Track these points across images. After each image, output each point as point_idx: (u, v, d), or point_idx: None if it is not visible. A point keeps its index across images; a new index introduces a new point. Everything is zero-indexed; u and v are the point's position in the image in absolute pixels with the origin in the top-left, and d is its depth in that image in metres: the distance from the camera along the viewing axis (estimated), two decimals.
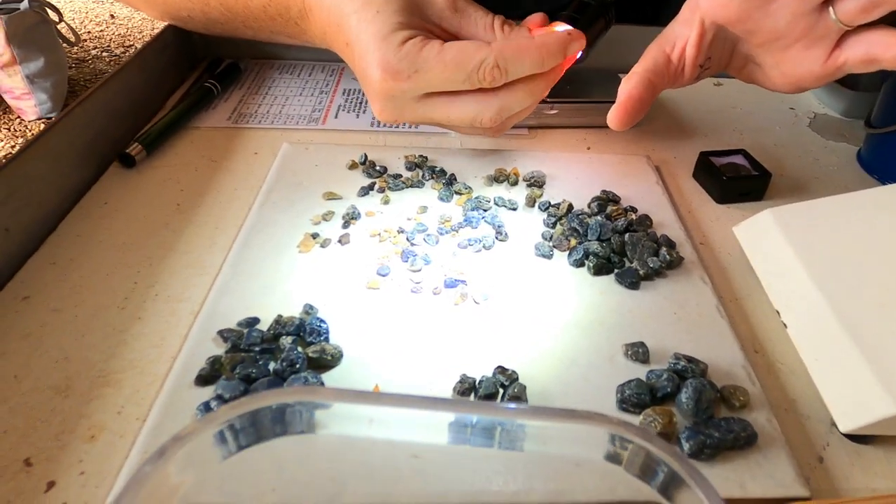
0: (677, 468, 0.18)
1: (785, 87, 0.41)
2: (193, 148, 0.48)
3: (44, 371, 0.31)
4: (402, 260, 0.37)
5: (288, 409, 0.21)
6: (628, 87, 0.41)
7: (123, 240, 0.39)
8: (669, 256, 0.38)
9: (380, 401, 0.19)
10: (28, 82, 1.74)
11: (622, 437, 0.20)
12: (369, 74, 0.38)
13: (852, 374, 0.30)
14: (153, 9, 0.54)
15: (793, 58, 0.39)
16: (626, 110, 0.41)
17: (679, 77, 0.43)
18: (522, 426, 0.19)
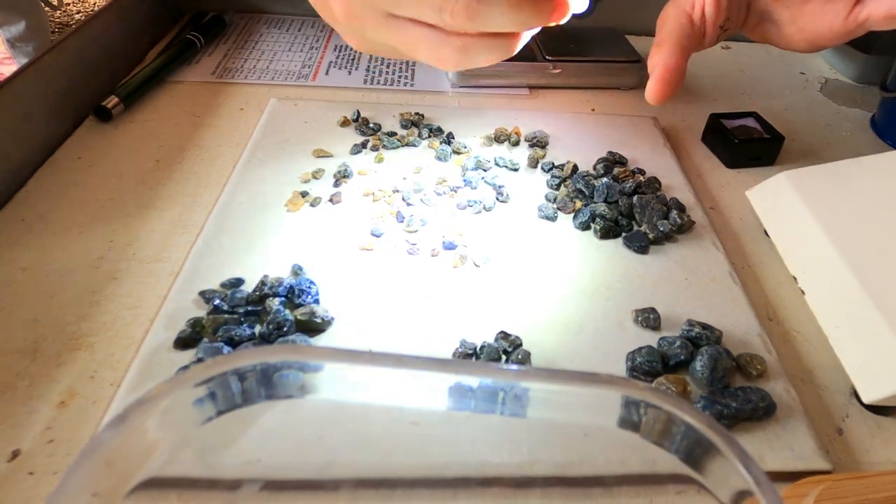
0: (710, 434, 0.16)
1: (802, 44, 0.39)
2: (174, 103, 0.45)
3: (10, 333, 0.28)
4: (397, 220, 0.35)
5: (273, 371, 0.19)
6: (663, 58, 0.38)
7: (98, 196, 0.36)
8: (680, 220, 0.36)
9: (375, 361, 0.17)
10: (9, 46, 1.68)
11: (640, 402, 0.18)
12: None
13: (876, 342, 0.28)
14: None
15: (812, 13, 0.36)
16: (667, 82, 0.37)
17: (702, 38, 0.40)
18: (528, 390, 0.17)
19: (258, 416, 0.20)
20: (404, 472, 0.23)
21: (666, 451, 0.20)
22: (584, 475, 0.24)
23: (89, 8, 2.22)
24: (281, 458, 0.22)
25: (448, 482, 0.23)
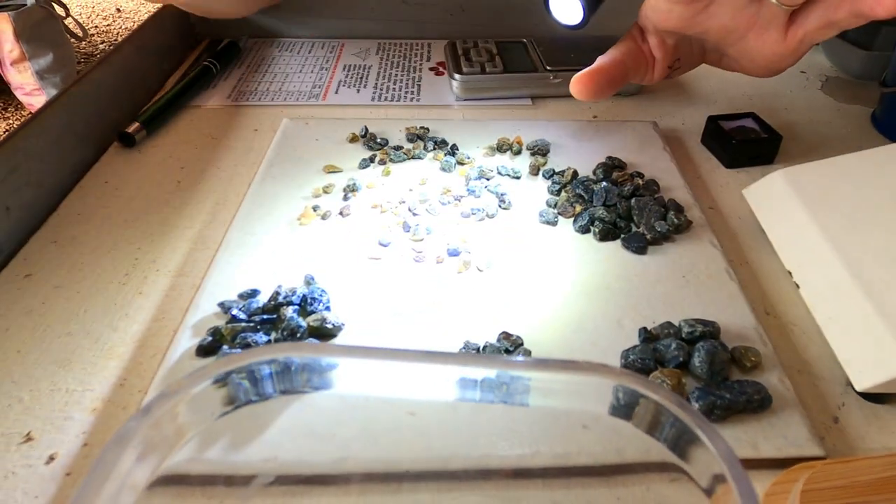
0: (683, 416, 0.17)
1: (760, 72, 0.41)
2: (193, 126, 0.48)
3: (46, 346, 0.30)
4: (403, 230, 0.37)
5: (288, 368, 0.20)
6: (601, 60, 0.41)
7: (124, 217, 0.39)
8: (677, 220, 0.37)
9: (380, 356, 0.19)
10: (38, 78, 1.75)
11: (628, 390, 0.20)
12: None
13: (868, 331, 0.29)
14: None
15: (752, 46, 0.38)
16: (593, 80, 0.40)
17: (650, 72, 0.42)
18: (522, 379, 0.19)
19: (274, 414, 0.22)
20: (411, 466, 0.25)
21: (656, 440, 0.21)
22: (583, 465, 0.26)
23: (113, 38, 2.30)
24: (296, 455, 0.24)
25: (452, 474, 0.25)
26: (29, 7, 1.67)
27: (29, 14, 1.67)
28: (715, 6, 0.36)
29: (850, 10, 0.34)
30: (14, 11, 1.65)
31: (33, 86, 1.76)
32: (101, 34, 2.33)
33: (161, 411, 0.16)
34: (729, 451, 0.18)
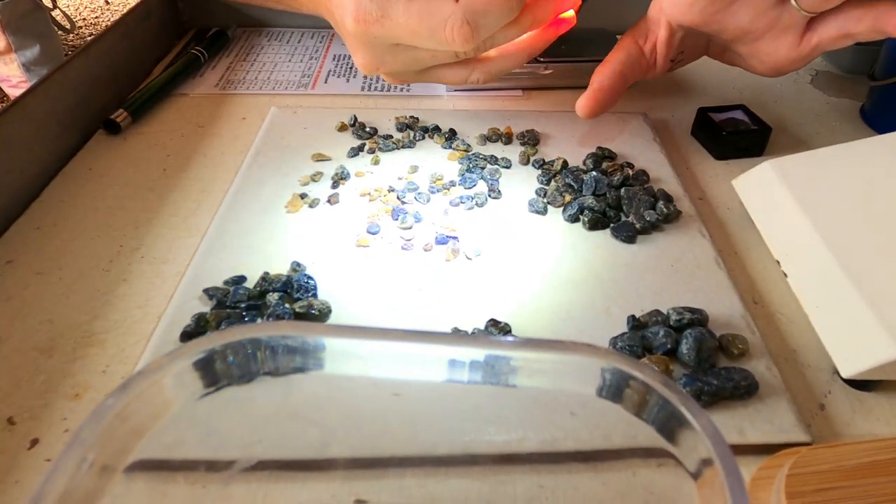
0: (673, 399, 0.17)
1: (766, 72, 0.41)
2: (180, 114, 0.47)
3: (27, 332, 0.30)
4: (392, 218, 0.37)
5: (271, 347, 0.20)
6: (600, 78, 0.41)
7: (108, 204, 0.38)
8: (666, 209, 0.37)
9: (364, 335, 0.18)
10: (24, 70, 1.72)
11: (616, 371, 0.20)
12: (345, 19, 0.37)
13: (854, 318, 0.29)
14: None
15: (766, 47, 0.39)
16: (597, 100, 0.41)
17: (651, 69, 0.43)
18: (509, 359, 0.18)
19: (256, 396, 0.22)
20: (396, 451, 0.24)
21: (644, 422, 0.21)
22: (570, 450, 0.25)
23: (101, 30, 2.27)
24: (278, 439, 0.23)
25: (439, 459, 0.25)
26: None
27: (16, 5, 1.65)
28: (737, 5, 0.36)
29: (872, 25, 0.34)
30: (1, 3, 1.63)
31: (20, 78, 1.74)
32: (90, 26, 2.31)
33: (140, 389, 0.16)
34: (715, 429, 0.18)
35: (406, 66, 0.40)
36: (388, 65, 0.39)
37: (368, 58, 0.39)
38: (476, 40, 0.35)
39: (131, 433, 0.16)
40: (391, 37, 0.37)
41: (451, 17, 0.34)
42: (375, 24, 0.36)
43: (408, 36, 0.36)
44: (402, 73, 0.41)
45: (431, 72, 0.41)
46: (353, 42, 0.39)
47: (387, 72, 0.41)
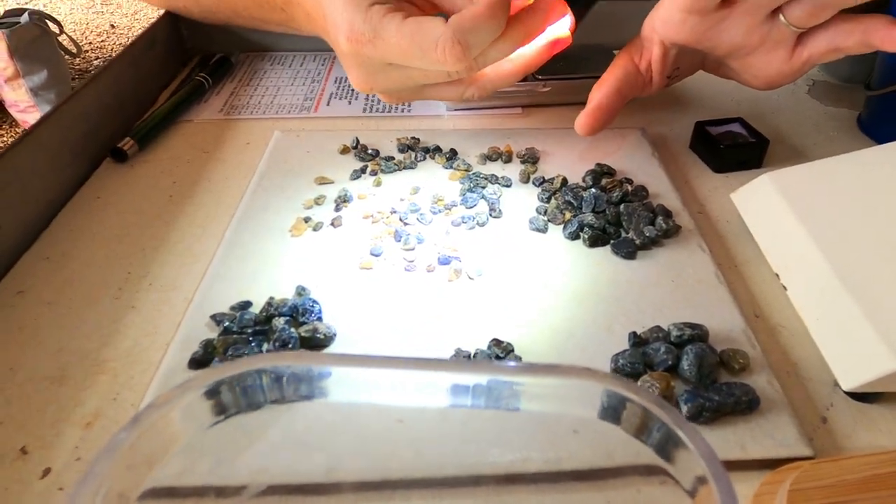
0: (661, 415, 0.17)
1: (760, 85, 0.42)
2: (185, 141, 0.48)
3: (39, 362, 0.31)
4: (394, 240, 0.37)
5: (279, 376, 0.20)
6: (597, 96, 0.42)
7: (116, 232, 0.39)
8: (666, 225, 0.37)
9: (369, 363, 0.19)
10: (32, 95, 1.75)
11: (614, 394, 0.20)
12: (338, 39, 0.38)
13: (853, 330, 0.29)
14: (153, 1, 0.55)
15: (758, 62, 0.40)
16: (595, 118, 0.42)
17: (648, 86, 0.44)
18: (510, 383, 0.19)
19: (264, 424, 0.22)
20: (402, 474, 0.25)
21: (643, 443, 0.21)
22: (574, 469, 0.26)
23: (107, 53, 2.31)
24: (287, 464, 0.24)
25: (444, 481, 0.25)
26: (23, 25, 1.68)
27: (23, 32, 1.68)
28: (728, 22, 0.37)
29: (861, 39, 0.35)
30: (8, 29, 1.65)
31: (27, 103, 1.77)
32: (95, 50, 2.34)
33: (151, 422, 0.16)
34: (709, 450, 0.18)
35: (400, 85, 0.40)
36: (382, 83, 0.40)
37: (362, 77, 0.40)
38: (468, 58, 0.36)
39: (144, 464, 0.17)
40: (384, 57, 0.38)
41: (441, 37, 0.35)
42: (368, 44, 0.37)
43: (400, 56, 0.37)
44: (397, 92, 0.42)
45: (426, 90, 0.42)
46: (347, 61, 0.40)
47: (381, 90, 0.41)
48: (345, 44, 0.38)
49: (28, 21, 1.69)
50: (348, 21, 0.37)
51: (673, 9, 0.37)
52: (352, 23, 0.37)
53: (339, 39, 0.38)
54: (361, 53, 0.38)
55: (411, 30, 0.36)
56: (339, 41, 0.38)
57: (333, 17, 0.38)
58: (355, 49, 0.38)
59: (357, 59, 0.39)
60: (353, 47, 0.38)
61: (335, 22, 0.38)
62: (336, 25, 0.38)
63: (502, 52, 0.38)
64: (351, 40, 0.37)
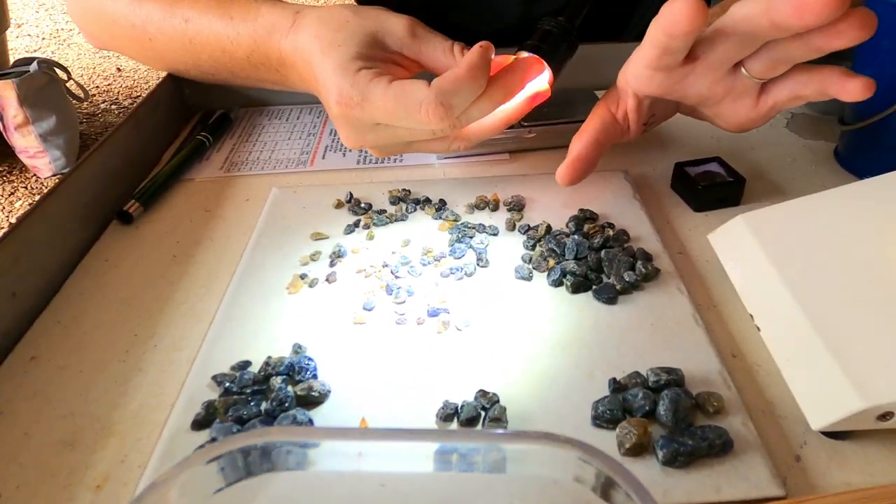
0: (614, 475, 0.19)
1: (732, 129, 0.44)
2: (188, 200, 0.50)
3: (51, 427, 0.32)
4: (386, 293, 0.39)
5: (273, 448, 0.22)
6: (577, 147, 0.45)
7: (123, 294, 0.41)
8: (645, 269, 0.39)
9: (351, 436, 0.21)
10: (41, 141, 1.80)
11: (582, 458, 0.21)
12: (329, 102, 0.41)
13: (821, 371, 0.30)
14: (153, 63, 0.57)
15: (726, 110, 0.42)
16: (575, 169, 0.45)
17: (626, 133, 0.46)
18: (477, 450, 0.20)
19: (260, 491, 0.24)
20: None
21: None
22: None
23: (113, 97, 2.36)
24: None
25: None
26: (32, 73, 1.73)
27: (32, 80, 1.73)
28: (693, 76, 0.39)
29: (817, 89, 0.38)
30: (18, 78, 1.71)
31: (37, 148, 1.82)
32: (102, 93, 2.40)
33: (152, 500, 0.18)
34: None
35: (388, 142, 0.43)
36: (371, 141, 0.43)
37: (353, 136, 0.43)
38: (450, 118, 0.38)
39: None
40: (371, 118, 0.40)
41: (425, 99, 0.37)
42: (356, 107, 0.40)
43: (386, 117, 0.40)
44: (386, 148, 0.45)
45: (414, 144, 0.44)
46: (338, 122, 0.42)
47: (370, 147, 0.44)
48: (335, 107, 0.40)
49: (37, 70, 1.74)
50: (337, 86, 0.40)
51: (640, 65, 0.39)
52: (341, 87, 0.40)
53: (329, 102, 0.41)
54: (351, 115, 0.40)
55: (396, 93, 0.38)
56: (329, 104, 0.41)
57: (324, 81, 0.41)
58: (345, 112, 0.40)
59: (347, 120, 0.41)
60: (342, 110, 0.40)
61: (326, 86, 0.41)
62: (327, 89, 0.41)
63: (483, 111, 0.40)
64: (340, 104, 0.40)
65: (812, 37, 0.33)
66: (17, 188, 1.85)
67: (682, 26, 0.33)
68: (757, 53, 0.37)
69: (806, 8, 0.30)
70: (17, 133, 1.77)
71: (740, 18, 0.34)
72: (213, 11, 0.49)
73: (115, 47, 0.57)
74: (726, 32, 0.35)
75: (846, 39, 0.32)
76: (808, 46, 0.34)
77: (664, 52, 0.36)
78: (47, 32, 2.98)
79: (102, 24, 0.55)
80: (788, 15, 0.31)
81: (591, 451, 0.19)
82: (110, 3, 0.53)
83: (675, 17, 0.33)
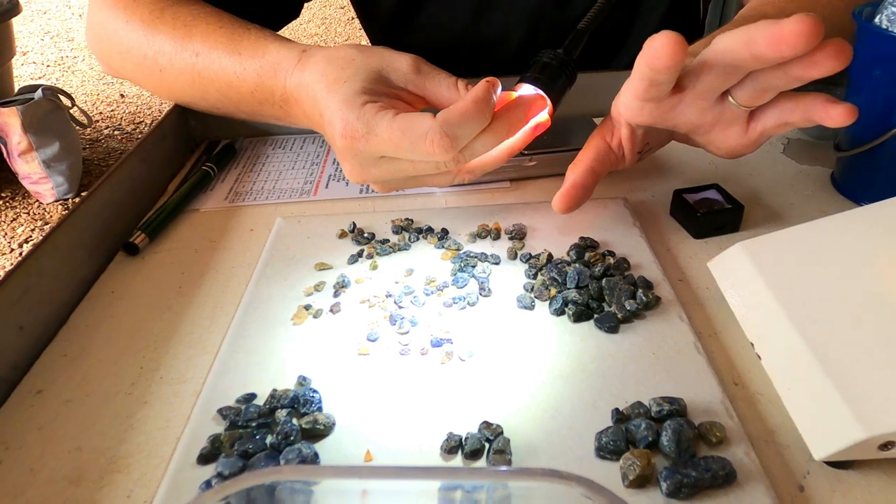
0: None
1: (724, 156, 0.45)
2: (193, 230, 0.51)
3: (57, 462, 0.33)
4: (390, 324, 0.39)
5: (278, 487, 0.22)
6: (572, 176, 0.45)
7: (129, 326, 0.41)
8: (646, 298, 0.40)
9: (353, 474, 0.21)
10: (44, 167, 1.82)
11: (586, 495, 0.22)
12: (334, 136, 0.41)
13: (823, 401, 0.31)
14: (162, 93, 0.58)
15: (717, 137, 0.43)
16: (570, 196, 0.45)
17: (621, 161, 0.47)
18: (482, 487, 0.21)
19: None
20: None
21: None
22: None
23: (117, 123, 2.39)
24: None
25: None
26: (36, 100, 1.75)
27: (36, 107, 1.75)
28: (682, 106, 0.40)
29: (803, 116, 0.39)
30: (22, 105, 1.73)
31: (40, 174, 1.83)
32: (105, 119, 2.43)
33: None
34: None
35: (391, 176, 0.44)
36: (374, 175, 0.44)
37: (357, 170, 0.43)
38: (455, 150, 0.39)
39: None
40: (376, 151, 0.41)
41: (430, 130, 0.38)
42: (361, 139, 0.40)
43: (391, 149, 0.40)
44: (390, 182, 0.45)
45: (417, 179, 0.45)
46: (342, 156, 0.43)
47: (373, 181, 0.45)
48: (340, 140, 0.41)
49: (41, 97, 1.76)
50: (343, 119, 0.41)
51: (630, 97, 0.40)
52: (346, 120, 0.40)
53: (334, 136, 0.42)
54: (355, 148, 0.41)
55: (401, 125, 0.39)
56: (334, 138, 0.42)
57: (329, 116, 0.42)
58: (350, 144, 0.41)
59: (351, 153, 0.42)
60: (347, 143, 0.41)
61: (331, 120, 0.42)
62: (332, 123, 0.42)
63: (487, 146, 0.41)
64: (345, 136, 0.41)
65: (791, 67, 0.34)
66: (20, 214, 1.86)
67: (664, 61, 0.34)
68: (742, 83, 0.38)
69: (782, 41, 0.32)
70: (20, 159, 1.79)
71: (722, 50, 0.35)
72: (223, 47, 0.50)
73: (128, 76, 0.58)
74: (710, 64, 0.36)
75: (823, 69, 0.33)
76: (789, 76, 0.35)
77: (651, 85, 0.37)
78: (52, 60, 3.02)
79: (116, 53, 0.56)
80: (766, 47, 0.32)
81: (596, 489, 0.19)
82: (125, 33, 0.54)
83: (657, 52, 0.34)
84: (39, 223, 1.80)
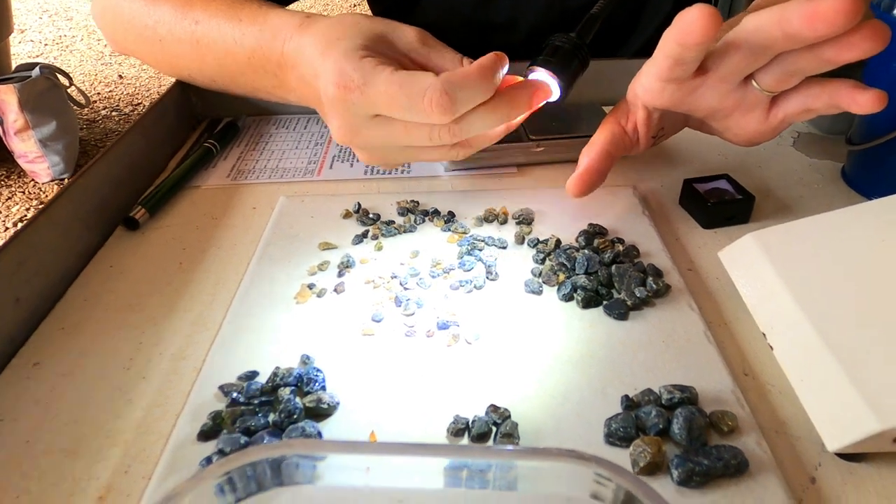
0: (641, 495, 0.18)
1: (741, 143, 0.44)
2: (194, 207, 0.50)
3: (54, 435, 0.32)
4: (395, 305, 0.39)
5: (282, 462, 0.22)
6: (586, 159, 0.44)
7: (128, 301, 0.40)
8: (656, 285, 0.39)
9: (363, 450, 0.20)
10: (41, 146, 1.80)
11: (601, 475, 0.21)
12: (326, 88, 0.39)
13: (837, 392, 0.30)
14: (162, 66, 0.57)
15: (736, 122, 0.42)
16: (585, 180, 0.44)
17: (635, 145, 0.46)
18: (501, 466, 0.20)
19: None
20: None
21: None
22: None
23: (115, 103, 2.36)
24: None
25: None
26: (34, 78, 1.73)
27: (34, 85, 1.73)
28: (703, 89, 0.39)
29: (828, 101, 0.38)
30: (20, 83, 1.71)
31: (36, 154, 1.81)
32: (104, 100, 2.40)
33: None
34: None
35: (381, 142, 0.41)
36: (363, 137, 0.41)
37: (345, 128, 0.40)
38: (453, 113, 0.37)
39: None
40: (370, 105, 0.38)
41: (430, 87, 0.36)
42: (356, 90, 0.38)
43: (386, 104, 0.38)
44: (377, 150, 0.43)
45: (408, 151, 0.42)
46: (331, 110, 0.40)
47: (361, 145, 0.42)
48: (332, 90, 0.38)
49: (39, 74, 1.74)
50: (339, 68, 0.38)
51: (651, 78, 0.39)
52: (343, 69, 0.38)
53: (326, 88, 0.39)
54: (348, 100, 0.38)
55: (400, 79, 0.37)
56: (327, 90, 0.39)
57: (324, 70, 0.39)
58: (343, 95, 0.38)
59: (343, 106, 0.39)
60: (340, 93, 0.38)
61: (325, 73, 0.39)
62: (324, 73, 0.39)
63: (485, 123, 0.39)
64: (339, 86, 0.38)
65: (823, 48, 0.33)
66: (15, 192, 1.84)
67: (696, 36, 0.33)
68: (768, 66, 0.37)
69: (818, 17, 0.30)
70: (16, 138, 1.77)
71: (752, 29, 0.34)
72: (223, 14, 0.48)
73: (130, 49, 0.57)
74: (738, 44, 0.35)
75: (858, 51, 0.32)
76: (820, 58, 0.34)
77: (676, 63, 0.36)
78: (50, 38, 2.99)
79: (119, 25, 0.55)
80: (801, 25, 0.31)
81: (617, 470, 0.19)
82: (127, 3, 0.53)
83: (689, 26, 0.32)
84: (35, 202, 1.78)
